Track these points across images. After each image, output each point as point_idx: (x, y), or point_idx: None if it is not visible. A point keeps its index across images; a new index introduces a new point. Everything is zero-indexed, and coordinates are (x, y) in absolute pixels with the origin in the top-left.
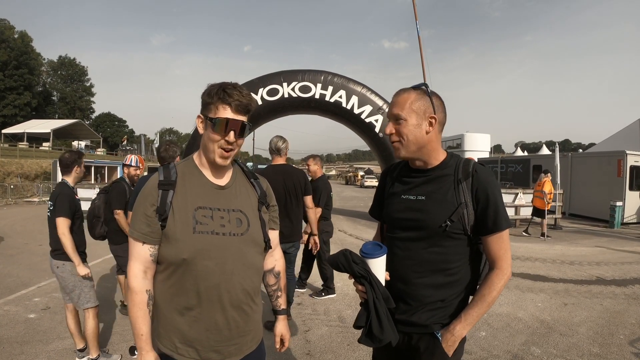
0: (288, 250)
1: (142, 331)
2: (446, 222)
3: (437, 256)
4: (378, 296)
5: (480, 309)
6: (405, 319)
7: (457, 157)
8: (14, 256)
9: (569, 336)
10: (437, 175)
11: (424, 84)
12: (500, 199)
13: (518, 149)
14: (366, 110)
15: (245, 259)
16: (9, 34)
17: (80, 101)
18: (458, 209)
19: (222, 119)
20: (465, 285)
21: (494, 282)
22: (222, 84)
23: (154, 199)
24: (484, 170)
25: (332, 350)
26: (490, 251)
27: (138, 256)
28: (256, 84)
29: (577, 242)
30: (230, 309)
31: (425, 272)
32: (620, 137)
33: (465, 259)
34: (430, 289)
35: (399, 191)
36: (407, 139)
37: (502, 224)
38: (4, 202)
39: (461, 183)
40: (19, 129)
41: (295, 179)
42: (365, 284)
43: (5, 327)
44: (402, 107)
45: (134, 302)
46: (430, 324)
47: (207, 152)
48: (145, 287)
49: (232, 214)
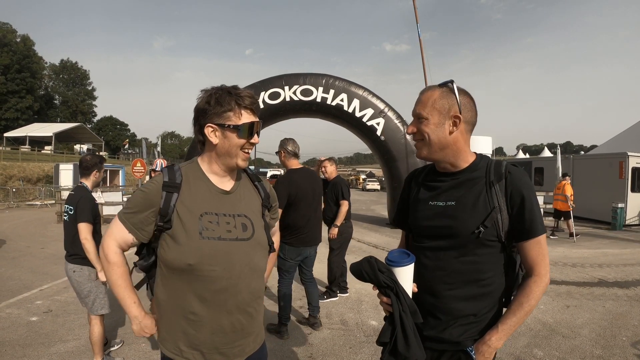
0: (310, 254)
1: (133, 299)
2: (479, 229)
3: (469, 266)
4: (405, 309)
5: (517, 318)
6: (435, 335)
7: (487, 159)
8: (16, 259)
9: (572, 338)
10: (466, 179)
11: (450, 81)
12: (536, 201)
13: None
14: (368, 113)
15: (252, 263)
16: (11, 37)
17: (82, 105)
18: (492, 213)
19: (247, 124)
20: (499, 297)
21: (533, 289)
22: (225, 88)
23: (157, 201)
24: (518, 171)
25: (335, 354)
26: (527, 257)
27: (119, 237)
28: (258, 88)
29: (579, 244)
30: (236, 313)
31: (456, 284)
32: (622, 138)
33: (499, 268)
34: (462, 302)
35: (426, 197)
36: (428, 139)
37: (539, 228)
38: (6, 206)
39: (494, 186)
40: (21, 132)
41: (317, 184)
42: (391, 295)
43: (7, 329)
44: (424, 106)
45: (117, 275)
46: (462, 341)
47: (229, 159)
48: (124, 261)
49: (237, 219)
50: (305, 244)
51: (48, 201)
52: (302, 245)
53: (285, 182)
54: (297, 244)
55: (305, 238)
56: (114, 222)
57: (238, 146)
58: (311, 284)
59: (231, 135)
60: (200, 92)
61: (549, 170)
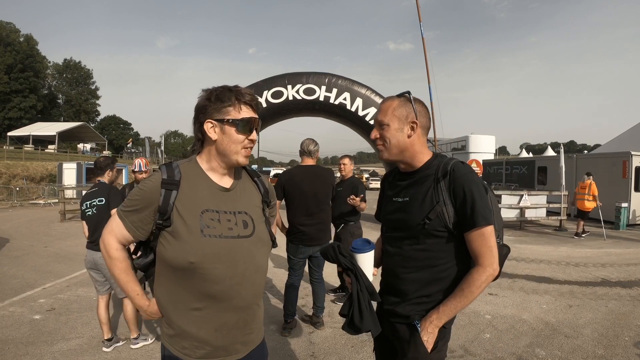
0: (316, 253)
1: (137, 290)
2: (424, 220)
3: (422, 253)
4: (362, 289)
5: (457, 301)
6: (391, 310)
7: (442, 158)
8: (19, 257)
9: (574, 338)
10: (420, 177)
11: (407, 92)
12: (479, 195)
13: (523, 150)
14: (371, 112)
15: (254, 260)
16: (15, 37)
17: (86, 104)
18: (436, 207)
19: (247, 119)
20: (452, 282)
21: (474, 277)
22: (225, 86)
23: (156, 198)
24: (462, 168)
25: (336, 352)
26: (471, 248)
27: (119, 234)
28: (261, 87)
29: (582, 244)
30: (240, 310)
31: (411, 269)
32: (626, 138)
33: (452, 256)
34: (416, 284)
35: (391, 194)
36: (389, 143)
37: (478, 221)
38: (10, 204)
39: (440, 182)
40: (25, 131)
41: (324, 180)
42: (352, 276)
43: (11, 328)
44: (385, 114)
45: (119, 269)
46: (411, 315)
47: (229, 155)
48: (126, 256)
49: (238, 216)
50: (302, 242)
51: (51, 200)
52: (300, 243)
53: (283, 176)
54: (296, 241)
55: (302, 236)
56: (113, 218)
57: (237, 142)
58: (319, 285)
59: (230, 130)
60: (202, 92)
61: (552, 169)
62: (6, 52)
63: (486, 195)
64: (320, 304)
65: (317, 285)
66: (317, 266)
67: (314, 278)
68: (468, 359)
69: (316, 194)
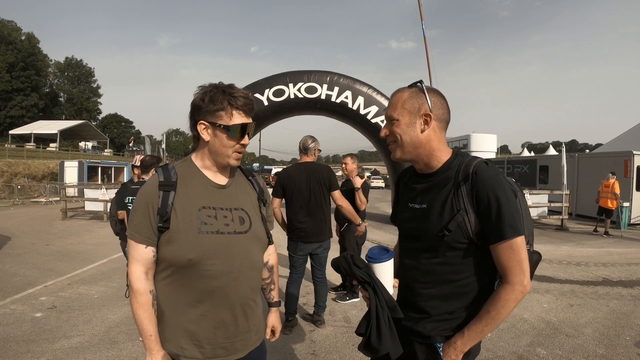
0: (315, 251)
1: (150, 331)
2: (442, 232)
3: (442, 267)
4: (382, 304)
5: (483, 324)
6: (410, 327)
7: (463, 157)
8: (21, 255)
9: (575, 337)
10: (438, 180)
11: (419, 81)
12: (506, 201)
13: (525, 149)
14: (372, 110)
15: (250, 257)
16: (16, 35)
17: (87, 102)
18: (456, 216)
19: (238, 126)
20: (476, 297)
21: (501, 297)
22: (220, 87)
23: (155, 201)
24: (487, 170)
25: (337, 350)
26: (498, 262)
27: (140, 258)
28: (262, 85)
29: (583, 243)
30: (237, 306)
31: (430, 283)
32: (628, 137)
33: (475, 269)
34: (437, 300)
35: (406, 199)
36: (401, 139)
37: (506, 232)
38: (11, 203)
39: (460, 186)
40: (26, 129)
41: (319, 175)
42: (369, 290)
43: (12, 325)
44: (394, 108)
45: (139, 304)
46: (432, 336)
47: (220, 157)
48: (149, 288)
49: (234, 212)
50: (301, 239)
51: (53, 198)
52: (298, 240)
53: (281, 174)
54: (295, 238)
55: (300, 233)
56: (128, 245)
57: (228, 147)
58: (321, 283)
59: (221, 135)
60: (197, 88)
61: (553, 168)
62: (8, 50)
63: (515, 199)
64: (322, 303)
65: (320, 285)
66: (319, 265)
67: (317, 277)
68: None
69: (312, 191)
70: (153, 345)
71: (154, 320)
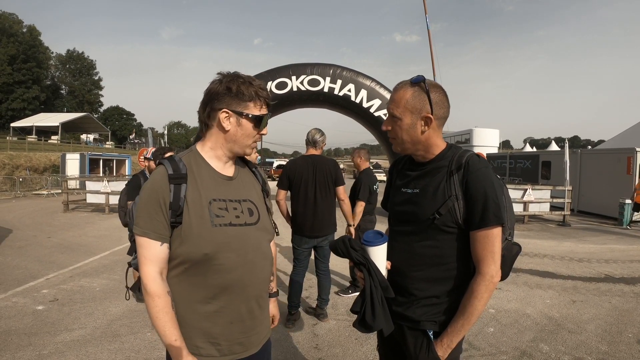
0: (320, 244)
1: (174, 335)
2: (434, 215)
3: (431, 250)
4: (375, 284)
5: (463, 319)
6: (401, 312)
7: (456, 149)
8: (22, 248)
9: (577, 333)
10: (432, 168)
11: (422, 78)
12: (493, 192)
13: (527, 144)
14: (375, 104)
15: (262, 247)
16: (17, 28)
17: (89, 95)
18: (447, 201)
19: (266, 116)
20: (459, 281)
21: (474, 289)
22: (245, 79)
23: (167, 195)
24: (478, 162)
25: (340, 344)
26: (473, 250)
27: (154, 258)
28: (265, 77)
29: (585, 240)
30: (252, 299)
31: (420, 266)
32: (631, 134)
33: (462, 255)
34: (425, 283)
35: (400, 184)
36: (401, 138)
37: (489, 219)
38: (13, 195)
39: (453, 175)
40: (28, 122)
41: (326, 169)
42: (364, 271)
43: (14, 318)
44: (397, 105)
45: (158, 308)
46: (422, 321)
47: (239, 147)
48: (165, 289)
49: (243, 204)
50: (303, 234)
51: (54, 191)
52: (301, 234)
53: (287, 166)
54: (298, 231)
55: (303, 227)
56: (138, 246)
57: (250, 136)
58: (324, 277)
59: (247, 124)
60: (217, 75)
61: (556, 164)
62: (9, 43)
63: (502, 192)
64: (325, 297)
65: (323, 277)
66: (323, 257)
67: (320, 270)
68: (472, 352)
69: (318, 184)
70: (181, 350)
71: (176, 323)
